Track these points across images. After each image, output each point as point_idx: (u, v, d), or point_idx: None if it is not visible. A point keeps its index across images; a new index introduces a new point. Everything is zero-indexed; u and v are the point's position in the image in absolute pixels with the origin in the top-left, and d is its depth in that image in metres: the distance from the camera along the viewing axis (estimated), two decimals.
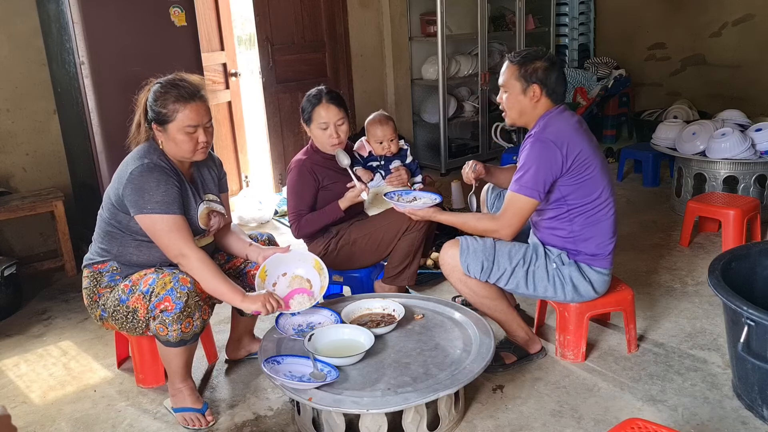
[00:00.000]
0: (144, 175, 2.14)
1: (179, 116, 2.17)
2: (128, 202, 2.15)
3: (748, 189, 3.94)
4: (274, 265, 2.37)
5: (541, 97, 2.37)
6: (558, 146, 2.28)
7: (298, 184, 2.82)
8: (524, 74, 2.35)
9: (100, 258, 2.31)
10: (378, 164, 2.95)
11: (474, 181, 2.66)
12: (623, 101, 6.34)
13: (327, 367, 2.04)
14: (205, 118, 2.22)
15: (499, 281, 2.39)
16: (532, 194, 2.29)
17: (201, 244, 2.33)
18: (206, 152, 2.28)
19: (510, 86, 2.40)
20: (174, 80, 2.22)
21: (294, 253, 2.44)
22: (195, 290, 2.14)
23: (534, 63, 2.35)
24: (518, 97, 2.39)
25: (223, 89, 4.66)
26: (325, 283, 2.38)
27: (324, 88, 2.84)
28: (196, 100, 2.19)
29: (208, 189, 2.41)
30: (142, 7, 3.37)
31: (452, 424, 2.17)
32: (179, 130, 2.18)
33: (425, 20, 5.55)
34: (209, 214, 2.34)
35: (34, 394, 2.55)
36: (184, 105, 2.17)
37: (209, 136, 2.25)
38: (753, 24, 5.53)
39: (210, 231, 2.37)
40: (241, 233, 2.54)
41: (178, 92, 2.18)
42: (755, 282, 2.46)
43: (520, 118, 2.44)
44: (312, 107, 2.79)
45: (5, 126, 3.75)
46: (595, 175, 2.34)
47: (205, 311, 2.20)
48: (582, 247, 2.40)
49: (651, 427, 1.63)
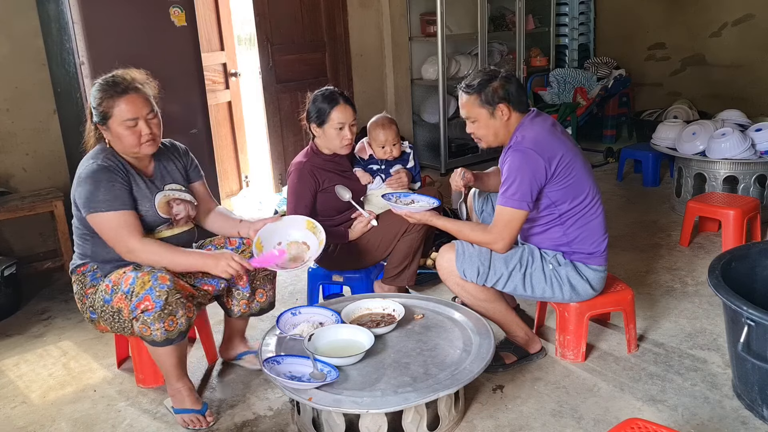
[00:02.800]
0: (89, 177, 2.18)
1: (116, 111, 2.18)
2: (79, 204, 2.21)
3: (748, 189, 3.94)
4: (268, 235, 2.40)
5: (510, 113, 2.38)
6: (539, 154, 2.28)
7: (297, 187, 2.81)
8: (486, 99, 2.36)
9: (80, 261, 2.35)
10: (379, 167, 2.94)
11: (464, 189, 2.66)
12: (623, 101, 6.35)
13: (327, 367, 2.04)
14: (144, 110, 2.21)
15: (497, 285, 2.39)
16: (520, 205, 2.29)
17: (172, 233, 2.35)
18: (155, 144, 2.27)
19: (476, 115, 2.40)
20: (107, 77, 2.23)
21: (284, 219, 2.49)
22: (175, 287, 2.13)
23: (490, 85, 2.36)
24: (488, 122, 2.40)
25: (223, 89, 4.66)
26: (322, 238, 2.42)
27: (335, 89, 2.81)
28: (131, 92, 2.20)
29: (172, 179, 2.41)
30: (142, 7, 3.37)
31: (452, 424, 2.17)
32: (119, 124, 2.19)
33: (425, 20, 5.55)
34: (169, 202, 2.34)
35: (34, 394, 2.55)
36: (118, 99, 2.17)
37: (154, 127, 2.25)
38: (753, 24, 5.53)
39: (176, 219, 2.37)
40: (230, 213, 2.59)
41: (112, 88, 2.19)
42: (755, 282, 2.46)
43: (496, 140, 2.45)
44: (330, 108, 2.74)
45: (5, 126, 3.75)
46: (580, 175, 2.35)
47: (189, 309, 2.18)
48: (577, 248, 2.41)
49: (651, 427, 1.63)
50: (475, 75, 2.43)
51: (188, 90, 3.60)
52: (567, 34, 6.56)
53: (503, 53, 6.01)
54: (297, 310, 2.40)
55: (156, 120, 2.27)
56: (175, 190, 2.39)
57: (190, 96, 3.61)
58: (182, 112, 3.57)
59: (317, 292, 3.04)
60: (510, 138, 2.40)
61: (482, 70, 2.45)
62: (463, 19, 5.69)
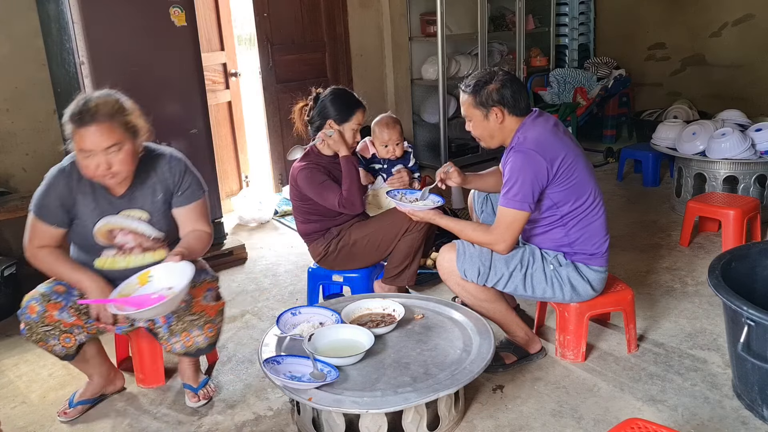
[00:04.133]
0: (46, 176, 2.21)
1: (74, 138, 2.05)
2: None
3: (748, 189, 3.94)
4: (166, 273, 2.10)
5: (505, 116, 2.37)
6: (541, 155, 2.28)
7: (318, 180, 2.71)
8: (480, 101, 2.36)
9: None
10: (381, 167, 2.93)
11: (441, 183, 2.63)
12: (623, 101, 6.35)
13: (327, 367, 2.04)
14: (102, 143, 2.01)
15: (497, 285, 2.39)
16: (522, 207, 2.29)
17: (127, 264, 2.19)
18: (114, 179, 2.09)
19: (471, 115, 2.41)
20: (79, 101, 2.07)
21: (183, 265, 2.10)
22: (42, 320, 2.16)
23: (486, 88, 2.35)
24: (482, 124, 2.40)
25: (223, 89, 4.66)
26: (182, 282, 2.04)
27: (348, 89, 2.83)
28: (90, 123, 2.01)
29: (138, 205, 2.22)
30: (142, 7, 3.37)
31: (452, 424, 2.17)
32: (77, 152, 2.07)
33: (425, 20, 5.55)
34: (112, 230, 2.19)
35: (34, 394, 2.55)
36: (76, 128, 2.03)
37: (117, 163, 2.05)
38: (753, 24, 5.53)
39: (124, 249, 2.20)
40: (191, 241, 2.26)
41: (75, 114, 2.04)
42: (755, 282, 2.46)
43: (493, 140, 2.44)
44: (355, 108, 2.74)
45: (5, 126, 3.75)
46: (582, 176, 2.35)
47: (65, 339, 2.19)
48: (578, 248, 2.41)
49: (651, 427, 1.63)
50: (475, 75, 2.43)
51: (188, 90, 3.59)
52: (567, 34, 6.56)
53: (503, 53, 6.01)
54: (297, 310, 2.40)
55: (121, 155, 2.05)
56: (129, 218, 2.20)
57: (190, 96, 3.61)
58: (182, 112, 3.57)
59: (317, 292, 3.04)
60: (511, 139, 2.40)
61: (483, 70, 2.45)
62: (463, 19, 5.69)
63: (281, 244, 4.12)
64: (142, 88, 3.41)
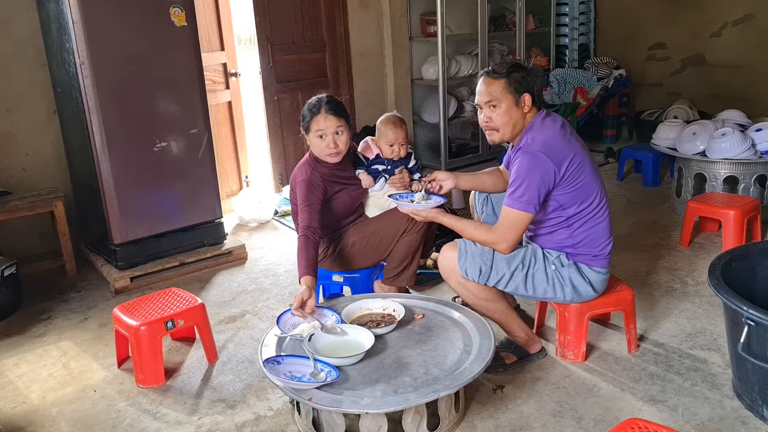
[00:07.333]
0: None
1: None
2: None
3: (748, 189, 3.94)
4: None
5: (531, 106, 2.37)
6: (549, 157, 2.27)
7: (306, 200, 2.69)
8: (514, 86, 2.34)
9: None
10: (384, 168, 2.91)
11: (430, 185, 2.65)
12: (623, 101, 6.35)
13: (327, 367, 2.04)
14: None
15: (498, 284, 2.39)
16: (527, 208, 2.28)
17: None
18: None
19: (502, 100, 2.35)
20: None
21: None
22: None
23: (518, 72, 2.35)
24: (511, 111, 2.36)
25: (223, 89, 4.66)
26: None
27: (324, 97, 2.75)
28: None
29: None
30: (142, 7, 3.37)
31: (452, 424, 2.16)
32: None
33: (425, 20, 5.55)
34: None
35: (34, 394, 2.55)
36: None
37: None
38: (753, 24, 5.53)
39: None
40: None
41: None
42: (755, 282, 2.46)
43: (512, 131, 2.40)
44: (311, 116, 2.70)
45: (5, 126, 3.75)
46: (588, 178, 2.34)
47: None
48: (582, 250, 2.40)
49: (651, 427, 1.63)
50: (504, 62, 2.42)
51: (188, 90, 3.59)
52: (567, 34, 6.56)
53: (503, 53, 6.00)
54: None
55: None
56: None
57: (190, 96, 3.61)
58: (182, 112, 3.57)
59: (317, 292, 3.03)
60: (520, 138, 2.40)
61: (506, 60, 2.44)
62: (463, 19, 5.69)
63: (281, 244, 4.12)
64: (142, 88, 3.44)
